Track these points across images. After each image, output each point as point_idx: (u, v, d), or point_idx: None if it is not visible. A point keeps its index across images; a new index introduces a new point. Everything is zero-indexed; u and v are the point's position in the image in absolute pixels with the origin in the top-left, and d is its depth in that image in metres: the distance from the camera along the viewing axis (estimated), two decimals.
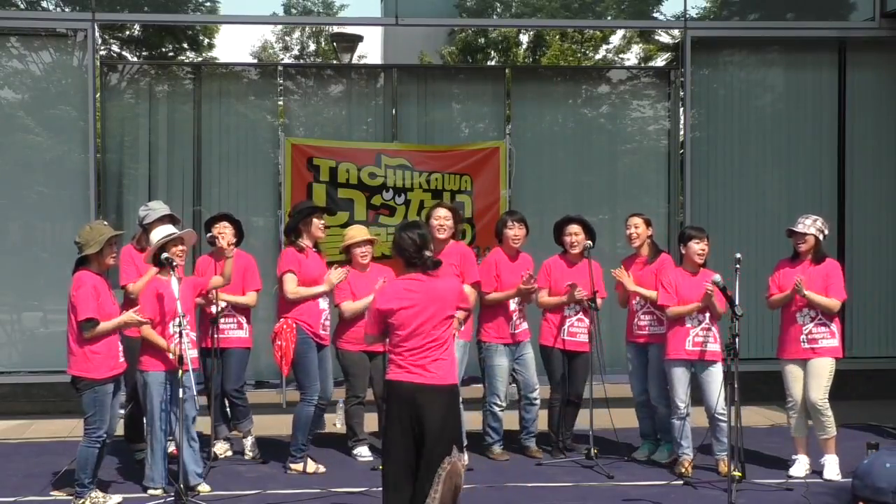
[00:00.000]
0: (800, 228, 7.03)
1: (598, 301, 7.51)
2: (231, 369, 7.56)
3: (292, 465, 7.25)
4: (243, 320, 7.63)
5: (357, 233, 7.76)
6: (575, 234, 7.60)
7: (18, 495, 6.67)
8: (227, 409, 7.81)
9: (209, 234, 7.54)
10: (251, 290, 7.65)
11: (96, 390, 6.30)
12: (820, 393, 6.95)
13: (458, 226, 7.61)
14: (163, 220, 7.10)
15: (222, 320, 7.49)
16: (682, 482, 6.95)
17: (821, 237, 7.04)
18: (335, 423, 8.48)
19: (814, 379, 6.96)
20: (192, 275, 7.60)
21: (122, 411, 7.05)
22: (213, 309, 7.35)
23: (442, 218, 7.47)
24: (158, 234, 6.64)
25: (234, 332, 7.56)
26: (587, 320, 7.55)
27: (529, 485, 6.89)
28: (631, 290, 7.45)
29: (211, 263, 7.53)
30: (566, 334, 7.61)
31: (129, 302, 6.91)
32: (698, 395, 7.15)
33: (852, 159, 10.35)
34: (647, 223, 7.59)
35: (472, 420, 7.62)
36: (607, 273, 7.67)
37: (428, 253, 5.25)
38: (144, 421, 6.83)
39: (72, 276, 6.42)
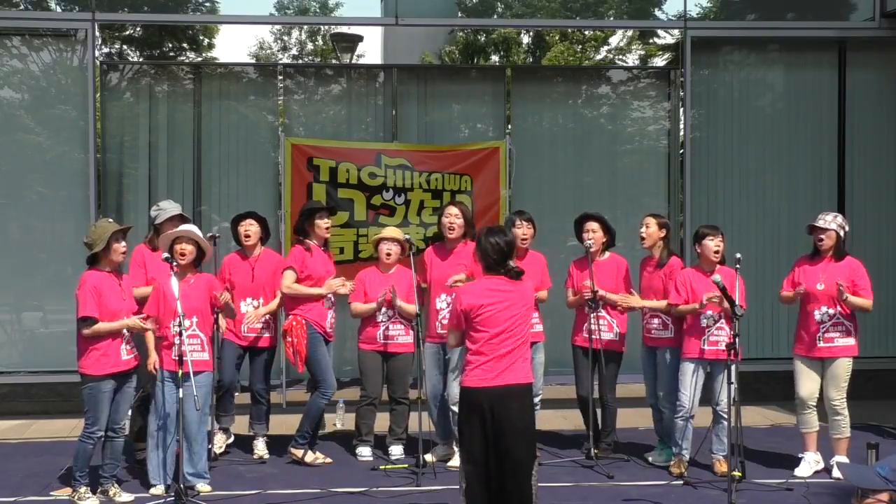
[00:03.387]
0: (821, 224, 7.01)
1: (616, 296, 7.49)
2: (260, 369, 7.66)
3: (292, 449, 7.36)
4: (271, 320, 7.69)
5: (387, 231, 7.81)
6: (592, 230, 7.56)
7: (18, 495, 6.67)
8: (227, 402, 7.82)
9: (209, 235, 7.56)
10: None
11: (91, 387, 6.32)
12: (838, 393, 6.95)
13: (469, 227, 7.53)
14: (173, 220, 7.13)
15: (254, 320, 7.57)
16: (681, 482, 6.94)
17: (841, 233, 7.04)
18: (335, 422, 8.48)
19: (832, 380, 6.96)
20: (216, 273, 7.61)
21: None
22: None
23: (452, 216, 7.43)
24: (181, 229, 6.72)
25: (266, 332, 7.64)
26: (608, 317, 7.52)
27: None
28: (639, 307, 7.42)
29: (238, 260, 7.62)
30: (584, 331, 7.57)
31: (139, 303, 6.89)
32: (705, 394, 7.13)
33: (852, 159, 10.34)
34: (661, 225, 7.48)
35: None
36: (631, 272, 7.68)
37: (512, 262, 5.27)
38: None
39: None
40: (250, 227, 7.61)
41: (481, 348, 5.15)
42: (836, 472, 6.94)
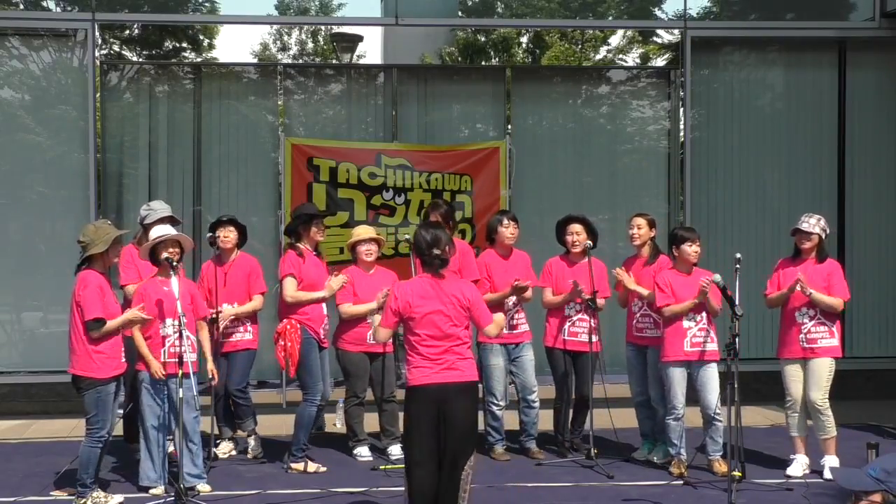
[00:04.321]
0: (804, 227, 7.04)
1: (601, 301, 7.52)
2: (235, 370, 7.61)
3: (293, 465, 7.26)
4: (248, 323, 7.66)
5: (363, 231, 7.77)
6: (576, 233, 7.58)
7: (18, 495, 6.67)
8: (232, 410, 7.82)
9: (209, 235, 7.57)
10: (256, 293, 7.64)
11: (99, 390, 6.31)
12: (820, 393, 6.95)
13: (451, 223, 7.61)
14: (163, 220, 7.11)
15: (228, 324, 7.54)
16: (681, 482, 6.94)
17: (823, 236, 7.06)
18: (335, 422, 8.48)
19: (813, 379, 6.97)
20: (196, 280, 7.61)
21: (121, 411, 7.05)
22: (221, 324, 7.45)
23: (437, 216, 7.52)
24: (155, 234, 6.67)
25: (239, 335, 7.61)
26: (589, 320, 7.54)
27: (529, 485, 6.89)
28: (630, 290, 7.44)
29: (212, 267, 7.59)
30: (567, 334, 7.59)
31: (128, 302, 6.92)
32: (693, 395, 7.15)
33: (852, 159, 10.34)
34: (651, 224, 7.53)
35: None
36: (610, 273, 7.68)
37: (437, 251, 5.33)
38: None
39: (75, 275, 6.42)
40: (229, 234, 7.60)
41: (418, 348, 5.25)
42: (826, 473, 6.94)
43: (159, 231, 6.69)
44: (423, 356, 5.23)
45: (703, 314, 7.03)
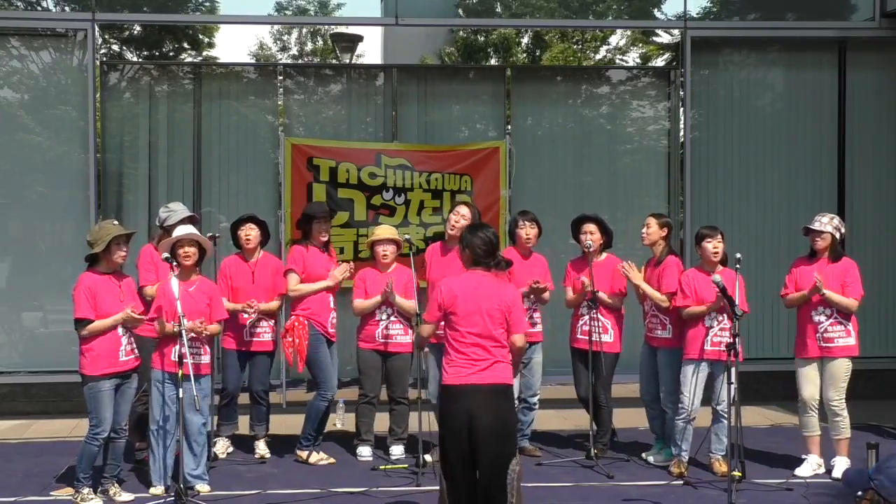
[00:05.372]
0: (816, 226, 7.05)
1: (612, 299, 7.52)
2: (260, 371, 7.67)
3: (297, 451, 7.47)
4: (272, 323, 7.70)
5: (383, 231, 7.78)
6: (590, 232, 7.59)
7: (18, 495, 6.68)
8: (231, 410, 7.84)
9: (209, 235, 7.59)
10: (279, 293, 7.65)
11: (90, 386, 6.34)
12: (836, 394, 6.96)
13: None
14: (183, 221, 7.12)
15: (256, 324, 7.57)
16: (681, 482, 6.95)
17: (837, 235, 7.06)
18: (335, 422, 8.48)
19: (830, 380, 6.98)
20: (215, 278, 7.62)
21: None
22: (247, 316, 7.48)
23: (460, 215, 7.40)
24: (178, 233, 6.72)
25: (267, 335, 7.64)
26: (602, 319, 7.53)
27: (530, 485, 6.87)
28: (635, 284, 7.43)
29: (239, 264, 7.62)
30: (579, 333, 7.62)
31: (148, 303, 6.91)
32: (706, 394, 7.14)
33: (852, 159, 10.34)
34: (662, 225, 7.51)
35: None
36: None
37: (500, 254, 5.42)
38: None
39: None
40: (251, 232, 7.61)
41: (455, 345, 5.20)
42: (836, 473, 6.95)
43: (181, 230, 6.74)
44: (460, 354, 5.17)
45: (725, 315, 7.01)
